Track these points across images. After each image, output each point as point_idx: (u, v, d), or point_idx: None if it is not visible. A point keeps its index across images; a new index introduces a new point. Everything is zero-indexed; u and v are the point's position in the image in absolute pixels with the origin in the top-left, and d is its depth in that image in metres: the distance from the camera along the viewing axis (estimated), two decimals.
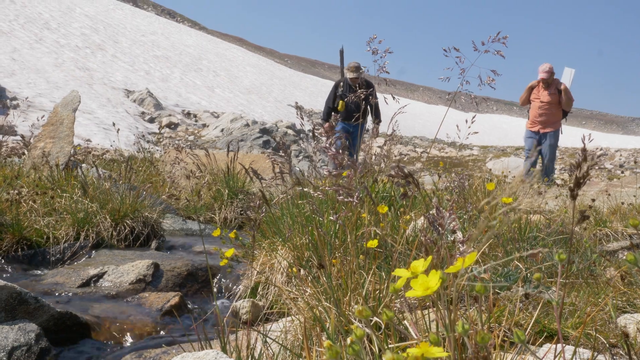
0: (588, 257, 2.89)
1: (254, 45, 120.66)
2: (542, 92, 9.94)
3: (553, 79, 9.88)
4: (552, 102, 9.82)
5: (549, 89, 9.83)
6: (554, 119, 9.92)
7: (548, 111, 9.87)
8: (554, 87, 9.83)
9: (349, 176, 2.09)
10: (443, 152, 27.77)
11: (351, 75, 9.90)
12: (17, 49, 26.46)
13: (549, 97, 9.82)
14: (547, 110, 9.87)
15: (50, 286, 3.41)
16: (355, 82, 9.78)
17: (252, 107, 37.09)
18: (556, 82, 9.91)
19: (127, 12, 63.32)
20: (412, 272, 1.00)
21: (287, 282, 2.95)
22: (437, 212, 1.38)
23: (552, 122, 9.93)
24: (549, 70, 9.75)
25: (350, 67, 10.00)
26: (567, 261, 1.27)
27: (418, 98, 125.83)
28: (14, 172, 5.57)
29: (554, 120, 9.92)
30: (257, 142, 19.26)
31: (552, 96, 9.80)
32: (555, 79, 9.94)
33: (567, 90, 9.77)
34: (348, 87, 10.03)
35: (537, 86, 10.05)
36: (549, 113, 9.87)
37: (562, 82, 9.96)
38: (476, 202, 4.21)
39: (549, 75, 9.74)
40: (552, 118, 9.90)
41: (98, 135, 17.95)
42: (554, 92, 9.78)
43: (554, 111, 9.89)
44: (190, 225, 5.78)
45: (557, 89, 9.80)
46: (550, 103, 9.82)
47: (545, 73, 9.73)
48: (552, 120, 9.91)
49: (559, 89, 9.80)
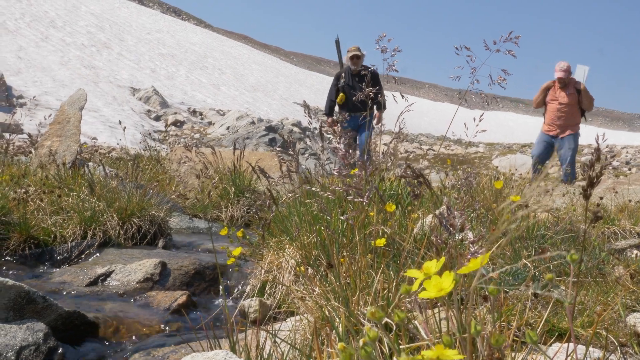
0: (597, 255, 2.88)
1: (260, 43, 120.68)
2: (559, 93, 9.32)
3: (570, 79, 9.28)
4: (572, 104, 9.21)
5: (566, 90, 9.23)
6: (574, 121, 9.31)
7: (567, 113, 9.25)
8: (572, 87, 9.22)
9: (359, 175, 2.08)
10: (449, 150, 27.73)
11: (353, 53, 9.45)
12: (23, 48, 26.53)
13: (568, 98, 9.20)
14: (566, 112, 9.25)
15: (57, 285, 3.42)
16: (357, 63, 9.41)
17: (257, 105, 37.10)
18: (573, 81, 9.30)
19: (132, 10, 63.40)
20: (425, 273, 0.99)
21: (294, 281, 2.95)
22: (448, 211, 1.37)
23: (572, 125, 9.30)
24: (567, 69, 9.14)
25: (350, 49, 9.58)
26: (577, 261, 1.27)
27: (424, 95, 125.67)
28: (21, 170, 5.58)
29: (574, 122, 9.30)
30: (263, 139, 19.25)
31: (571, 97, 9.18)
32: (571, 78, 9.31)
33: (587, 90, 9.16)
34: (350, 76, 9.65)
35: (553, 87, 9.42)
36: (568, 115, 9.25)
37: (580, 82, 9.31)
38: (484, 200, 4.20)
39: (567, 74, 9.14)
40: (572, 121, 9.28)
41: (104, 133, 17.99)
42: (573, 92, 9.18)
43: (573, 113, 9.28)
44: (197, 223, 5.78)
45: (576, 89, 9.20)
46: (570, 104, 9.21)
47: (562, 72, 9.12)
48: (572, 122, 9.28)
49: (577, 89, 9.20)
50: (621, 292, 2.41)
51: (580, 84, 9.19)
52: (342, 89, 9.61)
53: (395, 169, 4.56)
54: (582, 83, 9.20)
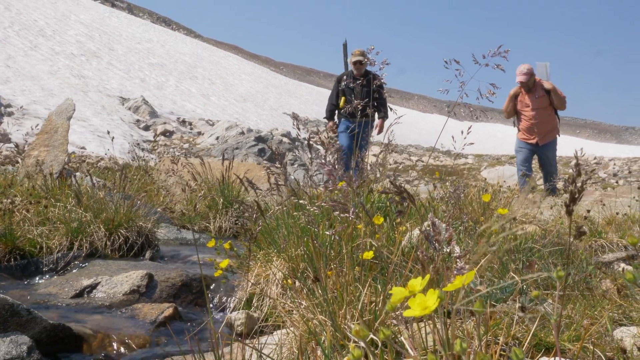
0: (584, 268, 2.88)
1: (250, 53, 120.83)
2: (528, 98, 8.79)
3: (534, 81, 8.73)
4: (544, 106, 8.70)
5: (534, 93, 8.70)
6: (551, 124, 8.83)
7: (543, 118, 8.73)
8: (540, 89, 8.69)
9: (345, 190, 2.07)
10: (438, 161, 27.80)
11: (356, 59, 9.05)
12: (11, 56, 26.40)
13: (539, 102, 8.69)
14: (541, 117, 8.72)
15: (43, 297, 3.38)
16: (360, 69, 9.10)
17: (247, 115, 37.09)
18: (540, 83, 8.74)
19: (122, 20, 63.32)
20: (409, 291, 0.98)
21: (282, 294, 2.93)
22: (434, 227, 1.37)
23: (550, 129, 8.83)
24: (528, 72, 8.60)
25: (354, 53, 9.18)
26: (564, 276, 1.26)
27: (413, 107, 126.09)
28: (8, 180, 5.54)
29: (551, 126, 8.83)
30: (252, 150, 19.22)
31: (542, 100, 8.67)
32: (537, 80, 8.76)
33: (556, 88, 8.62)
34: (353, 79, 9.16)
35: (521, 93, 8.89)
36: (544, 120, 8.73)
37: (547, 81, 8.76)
38: (472, 212, 4.21)
39: (528, 77, 8.60)
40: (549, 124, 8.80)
41: (93, 142, 17.90)
42: (542, 94, 8.65)
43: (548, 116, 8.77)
44: (184, 234, 5.75)
45: (544, 90, 8.66)
46: (542, 108, 8.70)
47: (523, 75, 8.58)
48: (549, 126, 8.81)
49: (545, 89, 8.66)
50: (608, 306, 2.42)
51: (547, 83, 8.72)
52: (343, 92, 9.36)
53: (384, 180, 4.57)
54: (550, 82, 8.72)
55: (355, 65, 9.09)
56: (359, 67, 9.07)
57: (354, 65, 9.08)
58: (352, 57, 9.12)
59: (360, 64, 9.01)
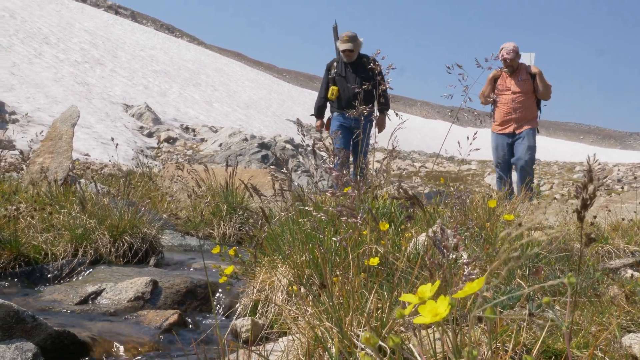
0: (591, 275, 2.87)
1: (253, 60, 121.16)
2: (510, 82, 7.97)
3: (519, 64, 7.98)
4: (527, 92, 7.90)
5: (518, 76, 7.92)
6: (531, 114, 7.99)
7: (523, 104, 7.91)
8: (525, 73, 7.92)
9: (351, 195, 2.05)
10: (441, 167, 27.78)
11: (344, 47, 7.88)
12: (16, 64, 26.50)
13: (522, 85, 7.88)
14: (522, 103, 7.90)
15: (48, 303, 3.38)
16: (351, 56, 7.95)
17: (250, 122, 37.14)
18: (524, 66, 7.99)
19: (126, 27, 63.55)
20: (419, 298, 0.97)
21: (287, 301, 2.92)
22: (442, 233, 1.36)
23: (529, 119, 7.97)
24: (514, 50, 7.81)
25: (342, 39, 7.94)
26: (574, 283, 1.25)
27: (416, 113, 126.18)
28: (12, 187, 5.54)
29: (531, 115, 7.98)
30: (256, 156, 19.24)
31: (525, 83, 7.88)
32: (521, 63, 8.01)
33: (542, 74, 7.86)
34: (344, 66, 8.08)
35: (502, 76, 8.08)
36: (525, 107, 7.91)
37: (532, 65, 8.01)
38: (477, 218, 4.19)
39: (514, 55, 7.81)
40: (529, 113, 7.96)
41: (97, 149, 17.94)
42: (526, 77, 7.88)
43: (530, 103, 7.96)
44: (189, 241, 5.75)
45: (529, 74, 7.90)
46: (525, 93, 7.90)
47: (508, 53, 7.78)
48: (529, 115, 7.96)
49: (530, 73, 7.90)
50: (616, 313, 2.40)
51: (532, 67, 7.97)
52: (334, 81, 8.17)
53: (388, 186, 4.56)
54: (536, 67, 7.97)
55: (344, 54, 7.98)
56: (349, 55, 7.96)
57: (344, 53, 7.98)
58: (340, 44, 7.99)
59: (351, 51, 7.92)
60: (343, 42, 7.86)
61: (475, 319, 2.02)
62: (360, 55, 8.00)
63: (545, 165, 30.54)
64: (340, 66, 8.09)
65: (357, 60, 7.97)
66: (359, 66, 7.95)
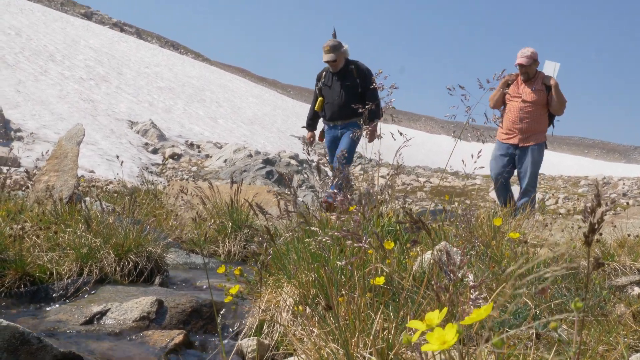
0: (598, 293, 2.85)
1: (257, 76, 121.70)
2: (523, 89, 7.31)
3: (536, 71, 7.36)
4: (538, 103, 7.22)
5: (532, 85, 7.27)
6: (540, 126, 7.32)
7: (532, 115, 7.25)
8: (540, 83, 7.25)
9: (356, 221, 2.03)
10: (446, 182, 27.76)
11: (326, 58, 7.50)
12: (22, 81, 26.66)
13: (535, 95, 7.22)
14: (530, 113, 7.25)
15: (53, 324, 3.38)
16: (335, 66, 7.57)
17: (255, 138, 37.23)
18: (542, 75, 7.33)
19: (131, 44, 63.95)
20: (427, 325, 0.97)
21: (293, 321, 2.91)
22: (448, 257, 1.36)
23: (537, 132, 7.31)
24: (532, 56, 7.20)
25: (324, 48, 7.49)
26: (582, 308, 1.25)
27: (420, 128, 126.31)
28: (18, 206, 5.56)
29: (539, 128, 7.31)
30: (260, 172, 19.26)
31: (539, 94, 7.21)
32: (539, 72, 7.40)
33: (558, 87, 7.17)
34: (331, 76, 7.74)
35: (516, 81, 7.43)
36: (533, 118, 7.24)
37: (550, 76, 7.33)
38: (482, 235, 4.18)
39: (531, 61, 7.20)
40: (537, 126, 7.30)
41: (101, 166, 17.99)
42: (541, 88, 7.19)
43: (539, 115, 7.28)
44: (193, 259, 5.74)
45: (545, 85, 7.21)
46: (536, 103, 7.22)
47: (525, 58, 7.18)
48: (537, 128, 7.29)
49: (546, 84, 7.20)
50: (624, 332, 2.39)
51: (550, 78, 7.27)
52: (320, 92, 7.90)
53: (393, 202, 4.55)
54: (553, 78, 7.31)
55: (328, 64, 7.65)
56: (333, 65, 7.60)
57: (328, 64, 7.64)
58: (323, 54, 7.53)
59: (334, 62, 7.52)
60: (325, 52, 7.48)
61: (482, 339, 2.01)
62: (347, 62, 7.66)
63: (550, 180, 30.50)
64: (328, 76, 7.79)
65: (344, 68, 7.64)
66: (345, 74, 7.62)
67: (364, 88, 7.44)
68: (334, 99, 7.62)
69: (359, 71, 7.56)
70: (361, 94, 7.41)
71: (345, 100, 7.42)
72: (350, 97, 7.37)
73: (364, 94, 7.39)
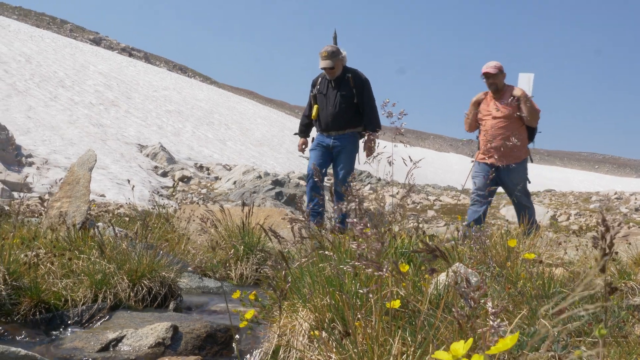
0: (616, 314, 2.83)
1: (265, 97, 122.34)
2: (492, 105, 6.94)
3: (505, 85, 7.00)
4: (510, 117, 6.80)
5: (501, 99, 6.88)
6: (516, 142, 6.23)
7: (506, 131, 6.73)
8: (509, 95, 6.83)
9: (376, 248, 2.02)
10: (456, 200, 27.70)
11: (323, 65, 7.09)
12: (32, 107, 26.93)
13: (505, 110, 6.81)
14: (504, 129, 6.78)
15: (69, 351, 3.38)
16: (332, 74, 7.17)
17: (264, 159, 37.36)
18: (510, 88, 6.96)
19: (139, 68, 64.54)
20: (453, 356, 0.97)
21: (309, 345, 2.90)
22: (468, 284, 1.36)
23: (514, 148, 6.68)
24: (496, 67, 6.83)
25: (321, 54, 7.10)
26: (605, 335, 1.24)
27: (429, 146, 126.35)
28: (32, 233, 5.59)
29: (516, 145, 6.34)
30: (270, 193, 19.29)
31: (509, 108, 6.78)
32: (508, 85, 7.02)
33: (527, 96, 6.76)
34: (327, 83, 7.34)
35: (485, 99, 7.10)
36: (507, 134, 6.59)
37: (514, 87, 7.00)
38: (496, 255, 4.17)
39: (496, 71, 6.82)
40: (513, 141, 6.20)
41: (112, 190, 18.08)
42: (511, 102, 6.67)
43: (514, 130, 6.75)
44: (206, 282, 5.74)
45: (515, 97, 6.71)
46: (508, 118, 6.81)
47: (490, 68, 6.83)
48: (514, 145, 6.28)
49: (514, 95, 6.76)
50: None
51: (517, 89, 6.90)
52: (315, 99, 7.46)
53: (404, 221, 4.55)
54: (521, 89, 6.92)
55: (325, 71, 7.25)
56: (330, 73, 7.18)
57: (324, 70, 7.21)
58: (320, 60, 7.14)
59: (331, 69, 7.13)
60: (322, 59, 7.08)
61: None
62: (345, 70, 7.29)
63: (561, 196, 30.38)
64: (324, 83, 7.38)
65: (342, 76, 7.25)
66: (341, 83, 7.24)
67: (360, 98, 7.19)
68: (328, 107, 7.28)
69: (356, 81, 7.20)
70: (357, 105, 7.21)
71: (340, 110, 7.18)
72: (345, 106, 7.17)
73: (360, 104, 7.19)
